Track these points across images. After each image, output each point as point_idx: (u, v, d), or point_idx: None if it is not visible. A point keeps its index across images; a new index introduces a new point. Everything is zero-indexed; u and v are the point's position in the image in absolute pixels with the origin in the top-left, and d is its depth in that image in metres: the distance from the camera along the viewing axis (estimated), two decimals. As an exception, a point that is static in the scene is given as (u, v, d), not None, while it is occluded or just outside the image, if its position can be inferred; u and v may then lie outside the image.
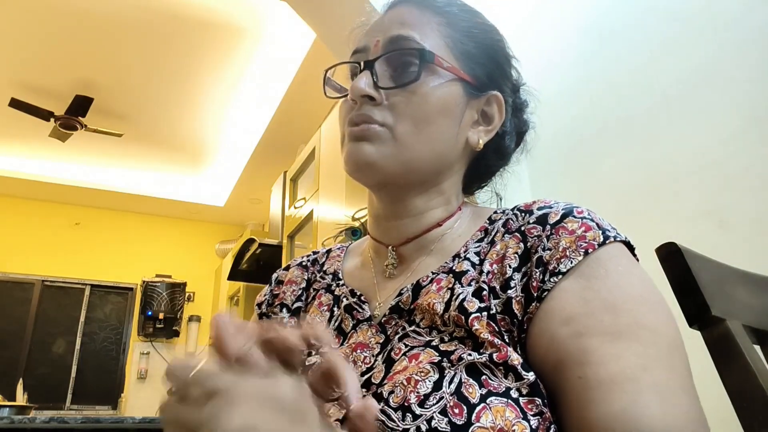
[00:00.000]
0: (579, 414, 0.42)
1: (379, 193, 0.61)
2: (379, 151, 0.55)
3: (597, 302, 0.46)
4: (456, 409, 0.42)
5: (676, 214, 1.46)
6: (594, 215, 0.52)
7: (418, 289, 0.55)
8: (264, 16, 3.31)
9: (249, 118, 4.30)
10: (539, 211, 0.54)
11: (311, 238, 3.17)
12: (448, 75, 0.57)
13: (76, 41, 3.48)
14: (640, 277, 0.49)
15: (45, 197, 5.36)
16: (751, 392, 0.53)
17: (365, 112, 0.56)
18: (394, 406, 0.44)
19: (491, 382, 0.44)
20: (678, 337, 0.46)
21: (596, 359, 0.43)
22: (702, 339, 0.60)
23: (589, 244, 0.49)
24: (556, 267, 0.48)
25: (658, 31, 1.63)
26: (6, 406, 2.48)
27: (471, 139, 0.60)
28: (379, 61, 0.57)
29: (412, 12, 0.59)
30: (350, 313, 0.59)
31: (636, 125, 1.64)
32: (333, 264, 0.68)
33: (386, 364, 0.50)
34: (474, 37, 0.61)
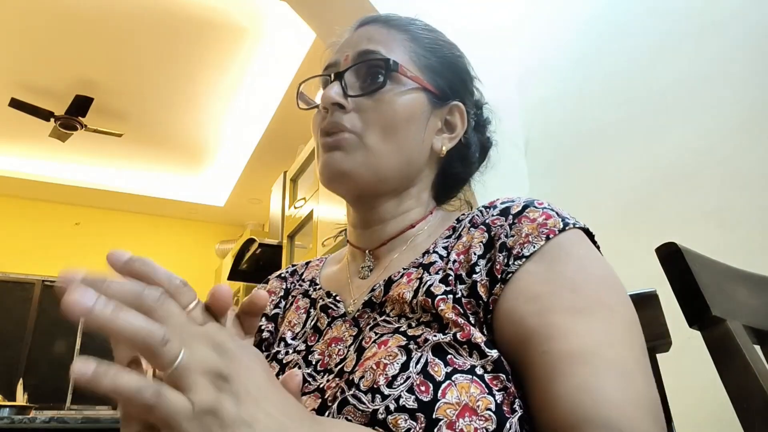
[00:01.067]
0: (542, 387, 0.45)
1: (355, 204, 0.65)
2: (351, 159, 0.59)
3: (560, 281, 0.49)
4: (422, 387, 0.44)
5: (676, 214, 1.46)
6: (554, 206, 0.55)
7: (390, 283, 0.58)
8: (264, 16, 3.31)
9: (249, 118, 4.30)
10: (502, 205, 0.57)
11: (311, 238, 3.17)
12: (412, 84, 0.62)
13: (76, 41, 3.48)
14: (599, 260, 0.52)
15: (45, 197, 5.36)
16: (751, 392, 0.53)
17: (335, 119, 0.60)
18: (364, 389, 0.46)
19: (456, 361, 0.46)
20: (634, 317, 0.49)
21: (559, 334, 0.46)
22: (702, 339, 0.60)
23: (550, 230, 0.52)
24: (520, 251, 0.51)
25: (658, 31, 1.63)
26: (6, 406, 2.48)
27: (435, 145, 0.64)
28: (348, 72, 0.62)
29: (379, 30, 0.64)
30: (325, 311, 0.62)
31: (636, 125, 1.64)
32: (311, 272, 0.72)
33: (357, 352, 0.53)
34: (435, 52, 0.65)
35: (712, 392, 0.59)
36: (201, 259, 5.83)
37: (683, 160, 1.47)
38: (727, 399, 0.55)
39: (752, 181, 1.30)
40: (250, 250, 4.13)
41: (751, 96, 1.34)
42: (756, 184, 1.29)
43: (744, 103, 1.36)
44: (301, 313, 0.65)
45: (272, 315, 0.68)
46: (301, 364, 0.57)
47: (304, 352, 0.58)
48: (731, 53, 1.41)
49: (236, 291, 4.84)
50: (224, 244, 5.65)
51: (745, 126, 1.34)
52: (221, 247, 5.69)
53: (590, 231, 0.55)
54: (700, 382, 0.92)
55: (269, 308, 0.69)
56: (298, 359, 0.58)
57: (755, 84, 1.34)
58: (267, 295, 0.39)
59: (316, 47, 3.31)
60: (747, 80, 1.36)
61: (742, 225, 1.30)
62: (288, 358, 0.59)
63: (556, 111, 1.98)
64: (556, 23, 2.06)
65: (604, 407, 0.41)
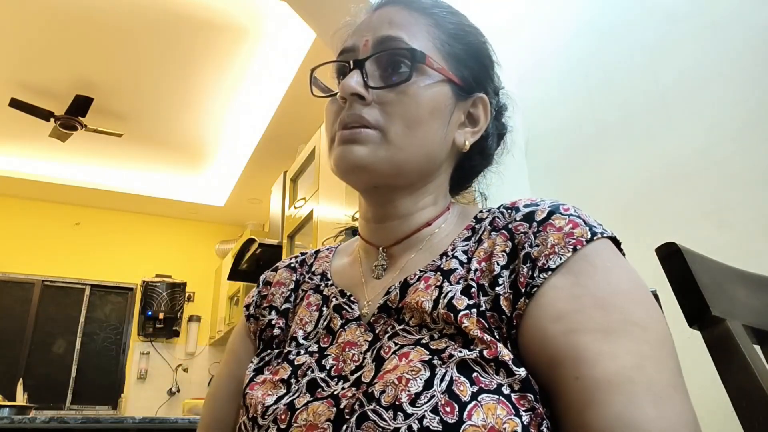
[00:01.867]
0: (575, 415, 0.43)
1: (369, 196, 0.61)
2: (371, 153, 0.55)
3: (587, 298, 0.46)
4: (447, 408, 0.42)
5: (676, 214, 1.46)
6: (580, 212, 0.53)
7: (406, 287, 0.55)
8: (264, 16, 3.31)
9: (249, 118, 4.30)
10: (525, 209, 0.54)
11: (311, 238, 3.17)
12: (438, 76, 0.58)
13: (76, 41, 3.48)
14: (628, 272, 0.50)
15: (45, 197, 5.36)
16: (751, 392, 0.53)
17: (356, 112, 0.56)
18: (385, 405, 0.44)
19: (482, 379, 0.44)
20: (667, 332, 0.47)
21: (590, 357, 0.43)
22: (702, 339, 0.60)
23: (578, 240, 0.49)
24: (545, 263, 0.48)
25: (658, 31, 1.63)
26: (6, 406, 2.47)
27: (458, 140, 0.60)
28: (369, 60, 0.57)
29: (400, 12, 0.60)
30: (339, 312, 0.59)
31: (636, 125, 1.64)
32: (321, 264, 0.69)
33: (376, 362, 0.50)
34: (461, 39, 0.61)
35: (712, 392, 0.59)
36: (201, 259, 5.84)
37: (683, 160, 1.47)
38: (727, 399, 0.55)
39: (752, 181, 1.30)
40: (250, 250, 4.14)
41: (751, 96, 1.34)
42: (756, 184, 1.30)
43: (744, 103, 1.36)
44: (313, 310, 0.62)
45: (283, 310, 0.65)
46: (314, 367, 0.55)
47: (318, 355, 0.56)
48: (731, 53, 1.41)
49: (236, 291, 4.85)
50: (224, 244, 5.65)
51: (745, 126, 1.34)
52: (221, 247, 5.69)
53: (617, 239, 0.53)
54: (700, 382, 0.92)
55: (280, 302, 0.66)
56: (311, 362, 0.55)
57: (755, 84, 1.34)
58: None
59: (316, 47, 3.31)
60: (747, 80, 1.36)
61: (742, 225, 1.30)
62: (300, 359, 0.57)
63: (556, 111, 1.98)
64: (556, 23, 2.06)
65: None
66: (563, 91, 1.96)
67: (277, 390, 0.54)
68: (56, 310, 5.26)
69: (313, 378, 0.53)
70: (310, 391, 0.52)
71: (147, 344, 5.41)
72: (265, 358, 0.61)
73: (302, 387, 0.53)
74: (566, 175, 1.87)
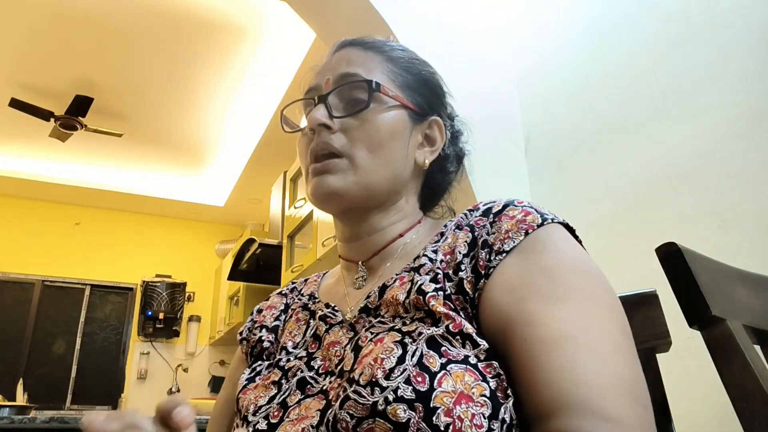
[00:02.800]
0: (524, 374, 0.46)
1: (343, 218, 0.67)
2: (341, 179, 0.61)
3: (536, 271, 0.51)
4: (419, 378, 0.46)
5: (676, 214, 1.46)
6: (534, 204, 0.57)
7: (384, 289, 0.60)
8: (264, 16, 3.31)
9: (249, 118, 4.30)
10: (484, 206, 0.60)
11: (311, 238, 3.17)
12: (393, 102, 0.64)
13: (76, 41, 3.48)
14: (576, 249, 0.54)
15: (45, 197, 5.36)
16: (751, 392, 0.53)
17: (324, 140, 0.62)
18: (363, 383, 0.48)
19: (450, 352, 0.48)
20: (613, 301, 0.50)
21: (537, 320, 0.47)
22: (702, 339, 0.60)
23: (529, 225, 0.54)
24: (501, 247, 0.53)
25: (658, 31, 1.63)
26: (6, 406, 2.48)
27: (418, 159, 0.67)
28: (332, 94, 0.64)
29: (357, 52, 0.67)
30: (324, 320, 0.64)
31: (635, 125, 1.64)
32: (310, 287, 0.75)
33: (354, 351, 0.55)
34: (410, 70, 0.68)
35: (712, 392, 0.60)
36: (201, 259, 5.83)
37: (683, 160, 1.47)
38: (727, 399, 0.55)
39: (752, 181, 1.30)
40: (250, 250, 4.14)
41: (751, 96, 1.34)
42: (756, 184, 1.30)
43: (744, 103, 1.36)
44: (301, 324, 0.67)
45: (272, 327, 0.71)
46: (303, 368, 0.59)
47: (306, 358, 0.60)
48: (731, 53, 1.41)
49: (236, 291, 4.85)
50: (224, 244, 5.65)
51: (745, 126, 1.34)
52: (221, 247, 5.69)
53: (570, 226, 0.57)
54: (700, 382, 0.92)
55: (270, 321, 0.72)
56: (300, 365, 0.60)
57: (755, 84, 1.34)
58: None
59: (316, 47, 3.31)
60: (747, 80, 1.36)
61: (742, 225, 1.30)
62: (290, 364, 0.61)
63: (556, 111, 1.98)
64: (556, 23, 2.06)
65: (582, 390, 0.42)
66: (563, 91, 1.96)
67: (268, 391, 0.59)
68: (56, 310, 5.26)
69: (303, 377, 0.58)
70: (300, 389, 0.56)
71: (147, 344, 5.41)
72: (256, 368, 0.66)
73: (292, 386, 0.57)
74: (566, 174, 1.87)
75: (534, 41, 2.14)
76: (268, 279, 4.30)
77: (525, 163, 2.02)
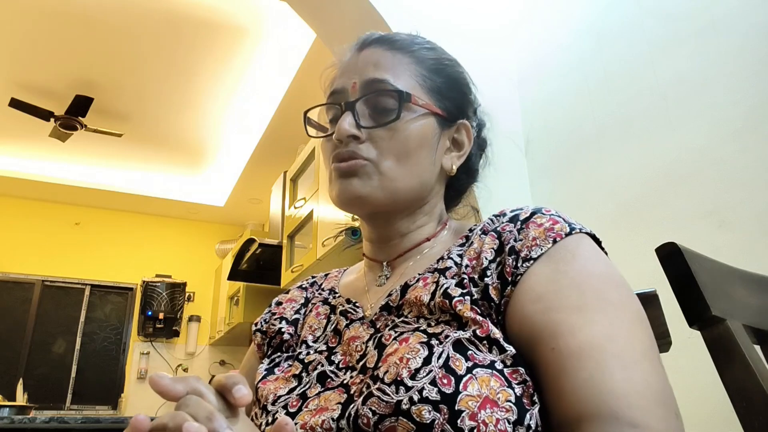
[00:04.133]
0: (552, 383, 0.46)
1: (370, 221, 0.67)
2: (366, 185, 0.61)
3: (564, 281, 0.51)
4: (445, 380, 0.46)
5: (676, 214, 1.46)
6: (561, 213, 0.57)
7: (406, 288, 0.60)
8: (264, 16, 3.31)
9: (249, 118, 4.30)
10: (511, 213, 0.59)
11: (311, 238, 3.17)
12: (423, 110, 0.63)
13: (76, 41, 3.48)
14: (604, 260, 0.54)
15: (45, 197, 5.35)
16: (751, 392, 0.53)
17: (351, 149, 0.61)
18: (388, 381, 0.48)
19: (476, 356, 0.48)
20: (640, 312, 0.50)
21: (565, 330, 0.47)
22: (702, 339, 0.60)
23: (557, 234, 0.54)
24: (528, 254, 0.53)
25: (658, 31, 1.63)
26: (6, 406, 2.48)
27: (445, 165, 0.66)
28: (359, 102, 0.63)
29: (384, 54, 0.65)
30: (345, 315, 0.64)
31: (636, 126, 1.64)
32: (331, 282, 0.74)
33: (378, 349, 0.54)
34: (440, 72, 0.67)
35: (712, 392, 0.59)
36: (201, 259, 5.83)
37: (683, 160, 1.47)
38: (727, 399, 0.55)
39: (752, 181, 1.30)
40: (250, 250, 4.13)
41: (750, 96, 1.34)
42: (756, 184, 1.30)
43: (744, 103, 1.36)
44: (321, 318, 0.67)
45: (292, 320, 0.70)
46: (324, 362, 0.59)
47: (327, 353, 0.60)
48: (731, 54, 1.41)
49: (236, 291, 4.85)
50: (224, 244, 5.65)
51: (744, 126, 1.34)
52: (221, 247, 5.69)
53: (597, 237, 0.57)
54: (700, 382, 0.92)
55: (290, 314, 0.71)
56: (321, 359, 0.60)
57: (755, 84, 1.34)
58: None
59: (316, 47, 3.31)
60: (747, 81, 1.36)
61: (742, 225, 1.30)
62: (310, 357, 0.61)
63: (556, 111, 1.98)
64: (556, 23, 2.06)
65: (610, 399, 0.42)
66: (563, 91, 1.96)
67: (288, 384, 0.59)
68: (56, 310, 5.26)
69: (323, 371, 0.58)
70: (320, 383, 0.57)
71: (147, 344, 5.41)
72: (275, 359, 0.65)
73: (313, 379, 0.57)
74: (566, 175, 1.87)
75: (534, 41, 2.14)
76: (268, 279, 4.30)
77: (525, 163, 2.02)
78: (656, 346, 0.49)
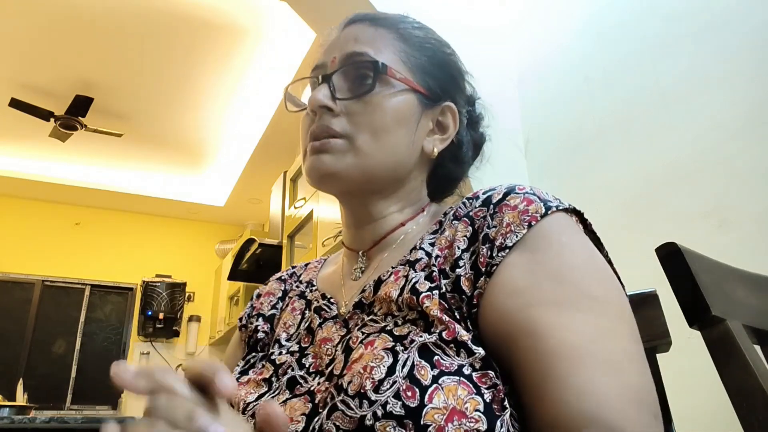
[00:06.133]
0: (530, 386, 0.44)
1: (344, 201, 0.65)
2: (339, 161, 0.58)
3: (542, 273, 0.48)
4: (409, 392, 0.44)
5: (676, 214, 1.46)
6: (536, 189, 0.53)
7: (379, 283, 0.58)
8: (264, 16, 3.31)
9: (249, 118, 4.30)
10: (484, 195, 0.56)
11: (311, 238, 3.17)
12: (402, 86, 0.60)
13: (76, 41, 3.48)
14: (583, 246, 0.51)
15: (45, 197, 5.36)
16: (751, 392, 0.53)
17: (324, 123, 0.59)
18: (351, 394, 0.46)
19: (443, 362, 0.45)
20: (624, 305, 0.48)
21: (543, 330, 0.45)
22: (702, 339, 0.60)
23: (532, 216, 0.50)
24: (503, 242, 0.50)
25: (658, 31, 1.63)
26: (6, 406, 2.48)
27: (426, 147, 0.63)
28: (336, 74, 0.61)
29: (366, 29, 0.63)
30: (318, 313, 0.62)
31: (635, 125, 1.64)
32: (309, 274, 0.72)
33: (345, 353, 0.52)
34: (426, 51, 0.64)
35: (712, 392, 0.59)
36: (201, 259, 5.83)
37: (683, 160, 1.47)
38: (727, 399, 0.55)
39: (752, 181, 1.30)
40: (250, 250, 4.14)
41: (751, 96, 1.34)
42: (756, 184, 1.30)
43: (744, 103, 1.36)
44: (296, 314, 0.65)
45: (269, 316, 0.69)
46: (294, 366, 0.57)
47: (298, 354, 0.59)
48: (731, 53, 1.41)
49: (236, 291, 4.85)
50: (224, 244, 5.65)
51: (745, 126, 1.34)
52: (221, 247, 5.69)
53: (577, 210, 0.54)
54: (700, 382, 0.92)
55: (266, 309, 0.70)
56: (291, 361, 0.58)
57: (755, 84, 1.34)
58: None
59: (316, 47, 3.29)
60: (747, 80, 1.36)
61: (742, 225, 1.30)
62: (281, 359, 0.59)
63: (556, 111, 1.98)
64: (556, 23, 2.06)
65: (591, 404, 0.41)
66: (563, 91, 1.96)
67: (259, 389, 0.57)
68: (56, 310, 5.26)
69: (293, 376, 0.56)
70: (289, 389, 0.55)
71: (147, 344, 5.41)
72: (250, 360, 0.65)
73: (282, 385, 0.56)
74: (566, 175, 1.87)
75: (534, 41, 2.14)
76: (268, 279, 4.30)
77: (525, 163, 2.02)
78: (640, 342, 0.46)
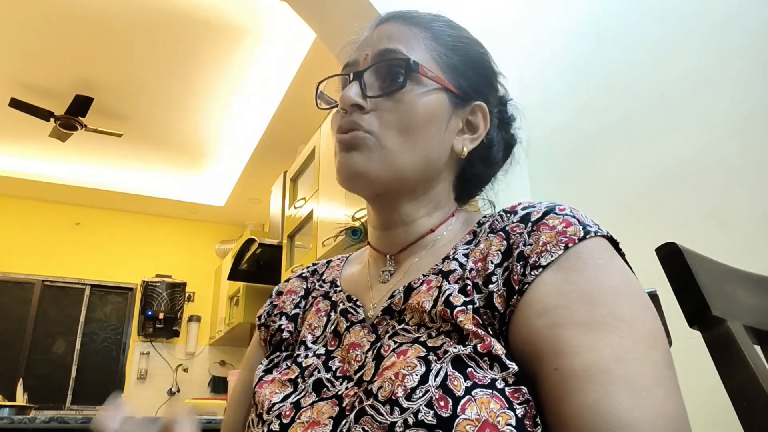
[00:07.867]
0: (554, 406, 0.43)
1: (374, 203, 0.64)
2: (368, 159, 0.58)
3: (574, 294, 0.47)
4: (442, 402, 0.43)
5: (676, 214, 1.46)
6: (576, 212, 0.53)
7: (410, 291, 0.57)
8: (264, 16, 3.31)
9: (249, 118, 4.30)
10: (523, 211, 0.55)
11: (311, 238, 3.17)
12: (433, 84, 0.60)
13: (76, 41, 3.48)
14: (620, 269, 0.50)
15: (45, 197, 5.36)
16: (752, 392, 0.53)
17: (353, 119, 0.59)
18: (382, 400, 0.45)
19: (476, 374, 0.45)
20: (657, 329, 0.46)
21: (570, 350, 0.44)
22: (702, 339, 0.60)
23: (570, 239, 0.49)
24: (537, 261, 0.49)
25: (658, 32, 1.63)
26: (6, 406, 2.47)
27: (456, 146, 0.62)
28: (368, 72, 0.61)
29: (399, 28, 0.63)
30: (345, 316, 0.61)
31: (636, 126, 1.64)
32: (332, 273, 0.71)
33: (376, 360, 0.52)
34: (458, 50, 0.64)
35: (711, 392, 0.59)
36: (201, 259, 5.84)
37: (683, 160, 1.47)
38: (727, 399, 0.55)
39: (752, 181, 1.30)
40: (250, 250, 4.14)
41: (751, 97, 1.34)
42: (756, 184, 1.29)
43: (744, 103, 1.36)
44: (322, 315, 0.64)
45: (292, 315, 0.68)
46: (321, 368, 0.57)
47: (324, 357, 0.58)
48: (732, 54, 1.41)
49: (236, 291, 4.85)
50: (224, 244, 5.65)
51: (745, 126, 1.34)
52: (221, 247, 5.69)
53: (614, 239, 0.53)
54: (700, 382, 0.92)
55: (290, 308, 0.69)
56: (318, 364, 0.57)
57: (755, 85, 1.34)
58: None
59: (316, 47, 3.31)
60: (747, 81, 1.36)
61: (742, 225, 1.30)
62: (308, 361, 0.59)
63: (556, 111, 1.98)
64: (557, 24, 2.06)
65: (616, 429, 0.39)
66: (564, 91, 1.96)
67: (284, 389, 0.56)
68: (56, 310, 5.26)
69: (319, 378, 0.55)
70: (316, 391, 0.54)
71: (147, 344, 5.41)
72: (274, 360, 0.64)
73: (308, 387, 0.55)
74: (566, 175, 1.87)
75: (534, 42, 2.14)
76: (268, 279, 4.30)
77: (525, 163, 2.02)
78: (673, 367, 0.45)
